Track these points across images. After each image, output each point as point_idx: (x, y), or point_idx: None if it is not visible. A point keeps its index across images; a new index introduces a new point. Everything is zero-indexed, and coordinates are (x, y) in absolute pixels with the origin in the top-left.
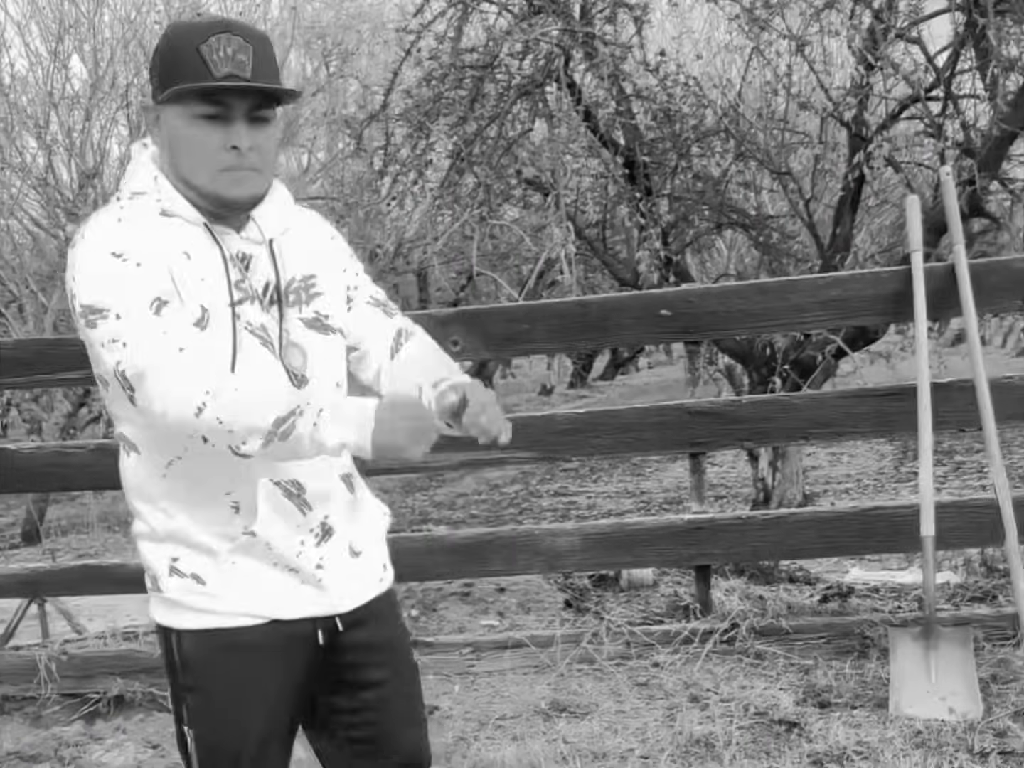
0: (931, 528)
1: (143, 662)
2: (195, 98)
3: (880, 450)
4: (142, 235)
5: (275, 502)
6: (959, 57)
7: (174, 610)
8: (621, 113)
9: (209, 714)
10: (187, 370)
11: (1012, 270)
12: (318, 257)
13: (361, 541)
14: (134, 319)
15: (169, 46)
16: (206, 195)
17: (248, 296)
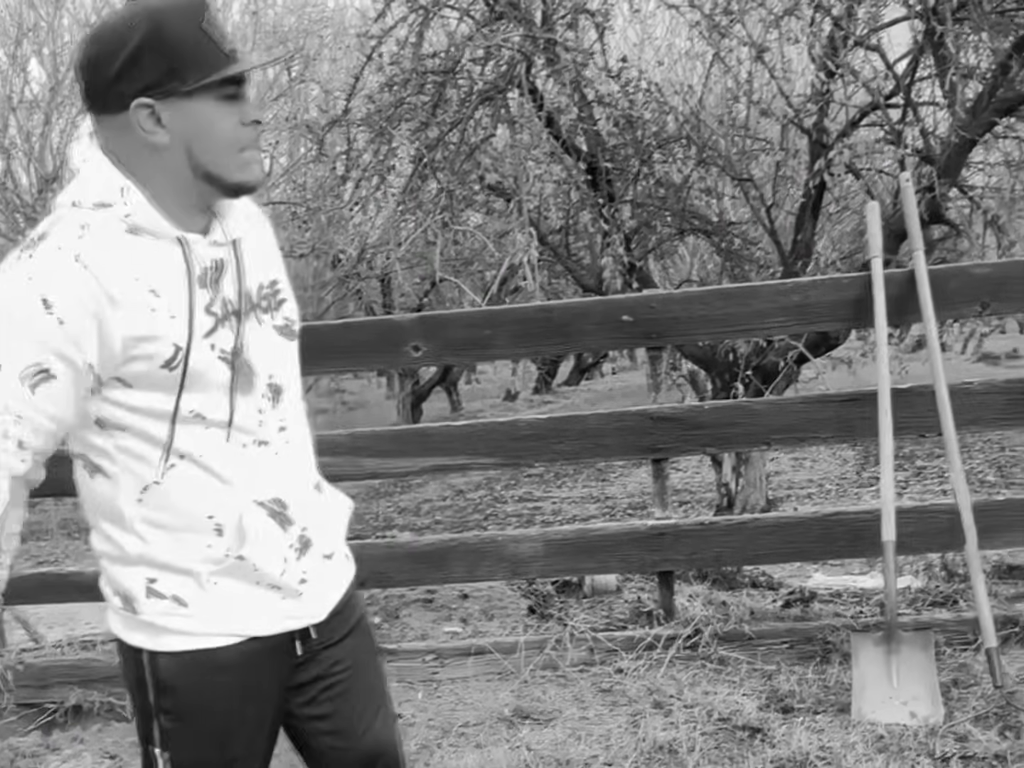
0: (892, 533)
1: (101, 671)
2: (219, 81)
3: (842, 455)
4: (95, 284)
5: (261, 523)
6: (918, 64)
7: (151, 632)
8: (583, 119)
9: (189, 737)
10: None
11: (971, 276)
12: (273, 259)
13: (330, 543)
14: (3, 379)
15: (164, 32)
16: (228, 184)
17: (220, 318)
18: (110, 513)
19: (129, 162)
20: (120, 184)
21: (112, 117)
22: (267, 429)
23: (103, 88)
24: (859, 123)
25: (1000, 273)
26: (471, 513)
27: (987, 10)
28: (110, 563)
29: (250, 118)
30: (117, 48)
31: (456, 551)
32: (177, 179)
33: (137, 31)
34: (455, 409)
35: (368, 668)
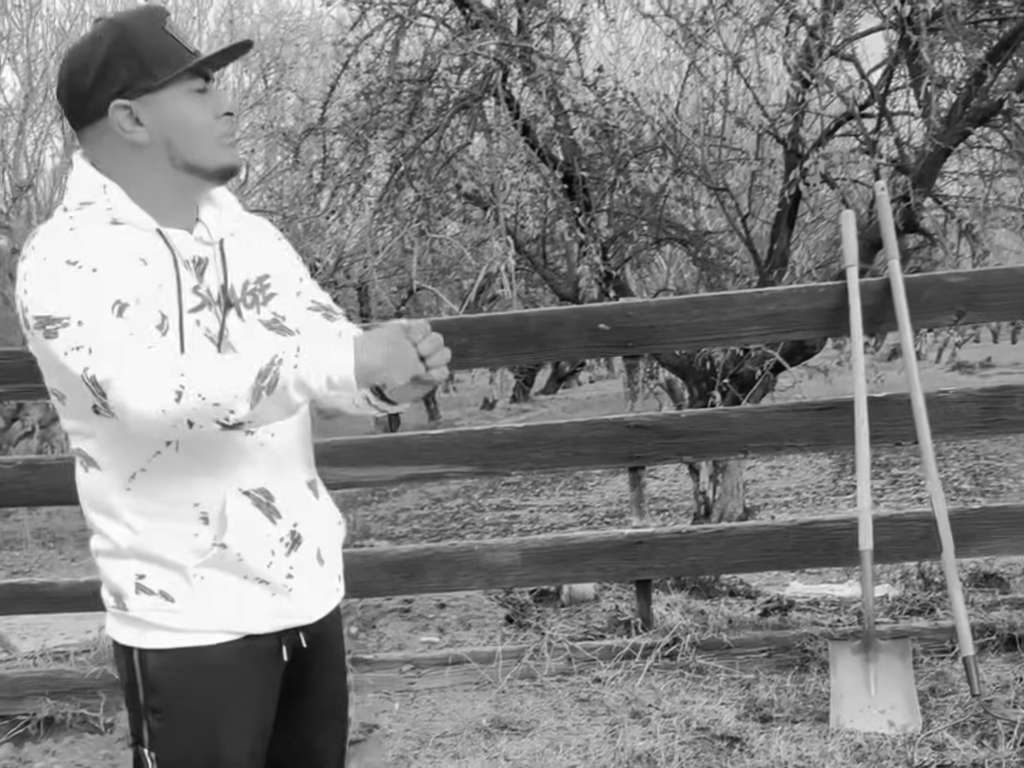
0: (869, 542)
1: (73, 682)
2: (187, 76)
3: (819, 463)
4: (95, 241)
5: (245, 512)
6: (893, 74)
7: (139, 628)
8: (559, 128)
9: (176, 737)
10: (157, 364)
11: (947, 284)
12: (269, 258)
13: (326, 549)
14: (97, 323)
15: (131, 37)
16: (210, 170)
17: (206, 301)
18: (103, 506)
19: (113, 165)
20: (101, 183)
21: (93, 126)
22: None
23: (82, 100)
24: (834, 133)
25: (975, 282)
26: (449, 522)
27: (961, 20)
28: (104, 560)
29: (223, 110)
30: (89, 60)
31: (432, 560)
32: (161, 174)
33: (105, 41)
34: (433, 417)
35: (340, 705)
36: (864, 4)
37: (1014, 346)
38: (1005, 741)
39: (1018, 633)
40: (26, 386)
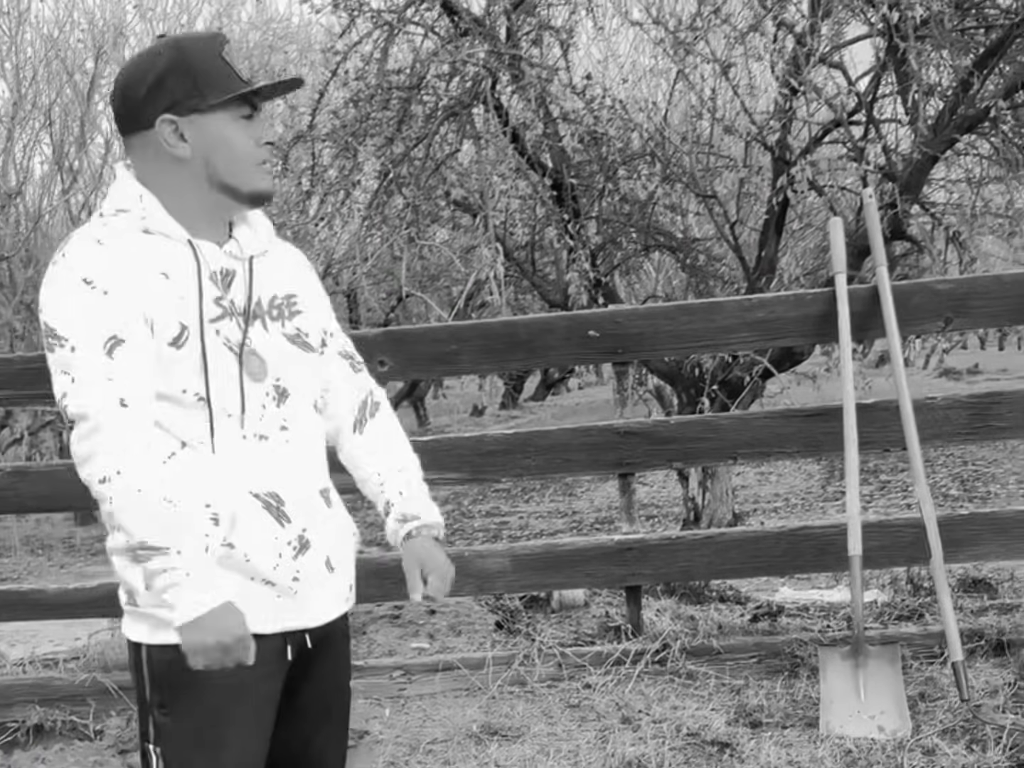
0: (858, 547)
1: (63, 690)
2: (237, 102)
3: (807, 469)
4: (118, 258)
5: (254, 514)
6: (880, 82)
7: (148, 624)
8: (548, 135)
9: (180, 732)
10: (116, 435)
11: (935, 291)
12: (298, 280)
13: (337, 557)
14: (85, 356)
15: (188, 58)
16: (244, 193)
17: (228, 312)
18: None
19: (154, 175)
20: (138, 192)
21: (141, 135)
22: (267, 424)
23: (133, 109)
24: (822, 140)
25: (963, 289)
26: None
27: (948, 28)
28: (119, 556)
29: (264, 139)
30: (145, 73)
31: None
32: (197, 189)
33: (163, 58)
34: (422, 424)
35: (341, 717)
36: (852, 12)
37: (1001, 352)
38: (994, 746)
39: (1006, 638)
40: (14, 392)
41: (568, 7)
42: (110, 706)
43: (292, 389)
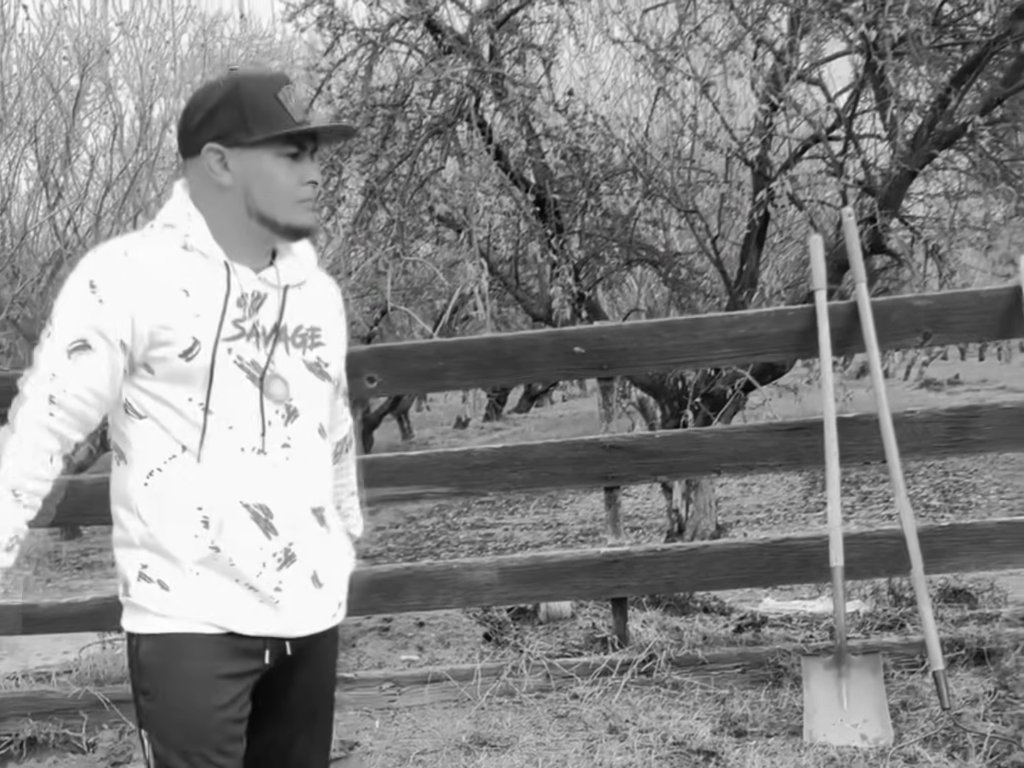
0: (840, 559)
1: (56, 703)
2: (282, 140)
3: (790, 481)
4: (136, 273)
5: (242, 523)
6: (859, 98)
7: (138, 614)
8: (531, 152)
9: (162, 716)
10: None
11: (913, 307)
12: (326, 316)
13: (326, 573)
14: (52, 347)
15: (241, 94)
16: (281, 226)
17: (246, 333)
18: (123, 497)
19: (202, 198)
20: (188, 211)
21: (194, 160)
22: (269, 441)
23: (188, 135)
24: (801, 155)
25: (940, 305)
26: (424, 540)
27: (926, 45)
28: (120, 550)
29: (308, 178)
30: (201, 103)
31: (412, 580)
32: (237, 216)
33: (219, 91)
34: (406, 436)
35: (324, 728)
36: (830, 29)
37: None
38: (975, 754)
39: (987, 647)
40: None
41: (551, 25)
42: (103, 719)
43: (302, 411)
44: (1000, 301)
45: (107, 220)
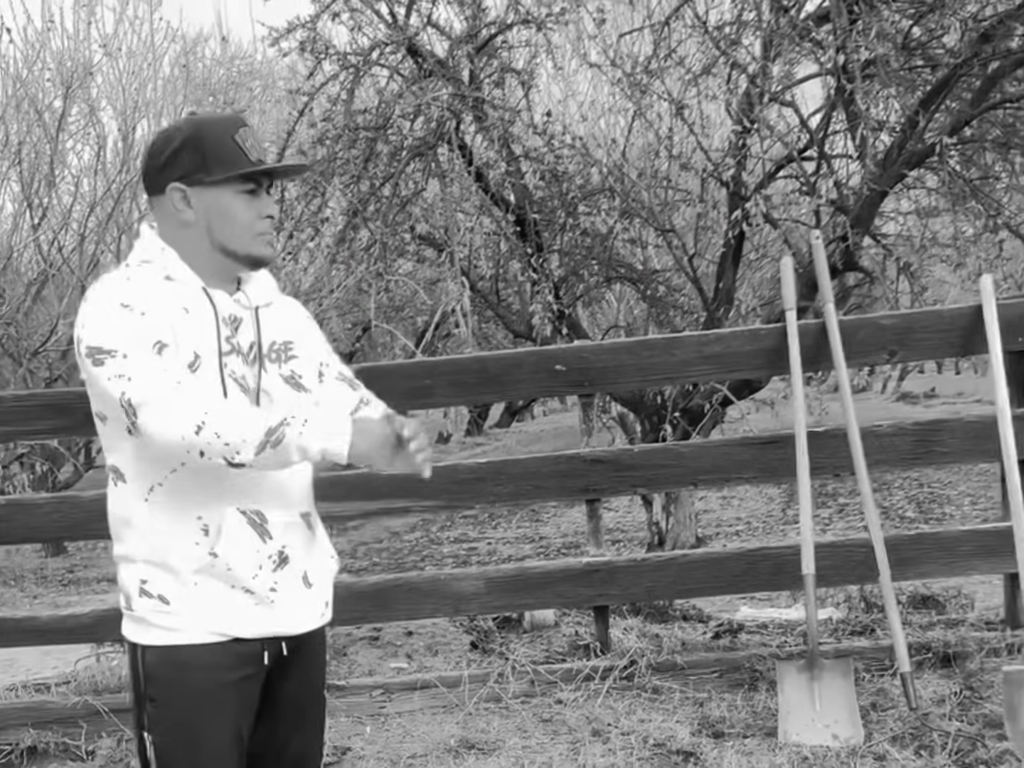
0: (811, 567)
1: (55, 712)
2: (239, 178)
3: (768, 493)
4: (147, 291)
5: (239, 528)
6: (831, 119)
7: (141, 627)
8: (511, 173)
9: (166, 722)
10: (186, 398)
11: (879, 326)
12: (295, 329)
13: (314, 575)
14: (139, 357)
15: (201, 137)
16: (241, 256)
17: (234, 350)
18: (124, 516)
19: (170, 233)
20: (160, 246)
21: (159, 198)
22: None
23: (153, 174)
24: (775, 175)
25: (905, 323)
26: (407, 555)
27: (895, 68)
28: (121, 565)
29: (265, 213)
30: (166, 145)
31: (400, 590)
32: (201, 248)
33: (182, 133)
34: None
35: (316, 723)
36: (801, 52)
37: (958, 376)
38: (941, 751)
39: (952, 651)
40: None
41: (529, 49)
42: (101, 727)
43: None
44: (962, 319)
45: (91, 240)
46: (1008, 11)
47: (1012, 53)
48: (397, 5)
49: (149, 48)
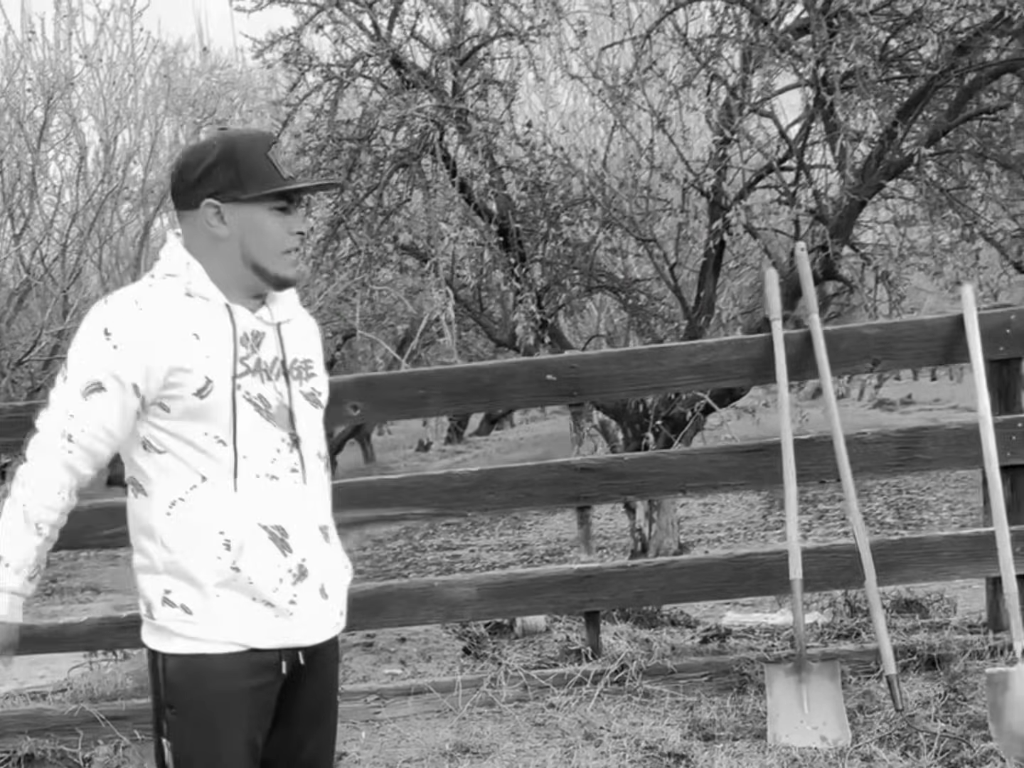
0: (799, 571)
1: (52, 720)
2: (273, 196)
3: (749, 500)
4: (149, 322)
5: (260, 543)
6: (810, 129)
7: (163, 635)
8: (494, 184)
9: (185, 729)
10: (45, 458)
11: (862, 336)
12: (314, 349)
13: (330, 586)
14: (68, 390)
15: (235, 153)
16: (270, 276)
17: (251, 370)
18: (145, 528)
19: (198, 248)
20: (186, 260)
21: (190, 212)
22: (279, 467)
23: (186, 191)
24: (754, 185)
25: (887, 333)
26: (391, 562)
27: (873, 79)
28: (142, 576)
29: (295, 229)
30: (199, 161)
31: (394, 596)
32: (232, 264)
33: (216, 150)
34: (369, 460)
35: (329, 731)
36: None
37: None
38: (927, 751)
39: (936, 654)
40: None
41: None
42: (98, 735)
43: (304, 438)
44: (944, 329)
45: (73, 250)
46: (984, 23)
47: (988, 65)
48: (380, 17)
49: (130, 59)
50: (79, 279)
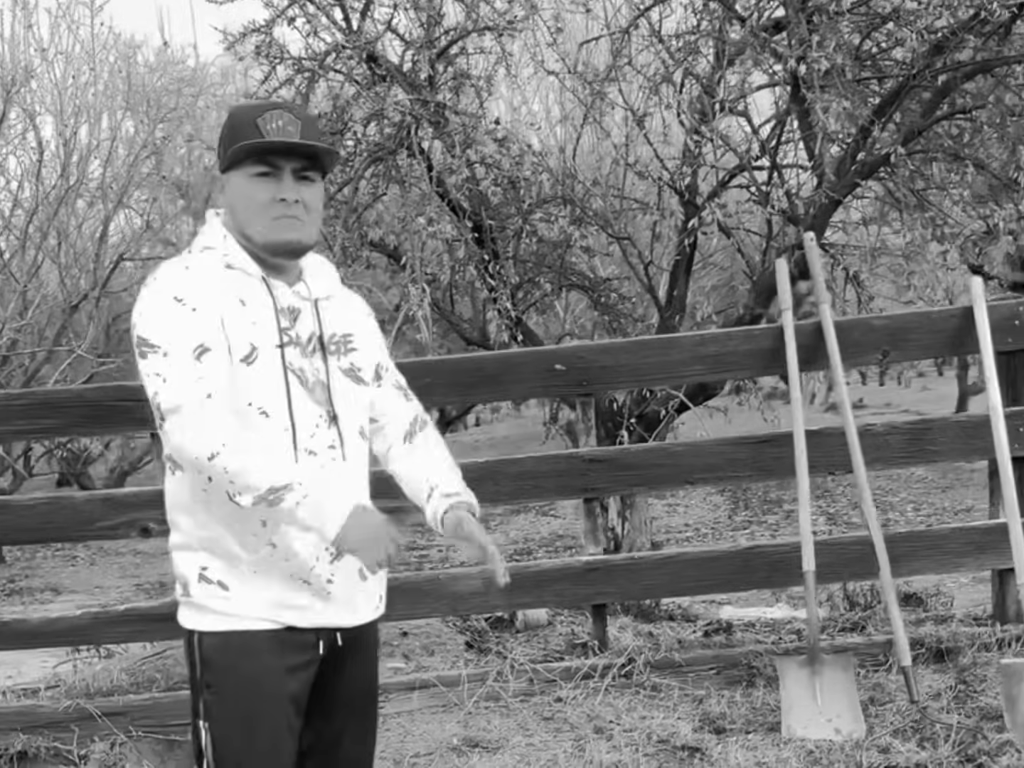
0: (811, 564)
1: (45, 716)
2: (251, 161)
3: (713, 501)
4: (203, 283)
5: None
6: (783, 129)
7: (199, 613)
8: (469, 179)
9: (223, 709)
10: (211, 418)
11: (872, 326)
12: (356, 323)
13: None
14: (177, 359)
15: (230, 124)
16: (260, 243)
17: (292, 341)
18: (182, 504)
19: (228, 223)
20: (223, 233)
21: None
22: (317, 443)
23: (220, 167)
24: (728, 184)
25: (896, 324)
26: None
27: (849, 79)
28: (177, 553)
29: (280, 196)
30: (220, 137)
31: (398, 590)
32: (239, 236)
33: (226, 123)
34: None
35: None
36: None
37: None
38: (944, 743)
39: (944, 646)
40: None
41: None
42: (94, 731)
43: (342, 414)
44: (952, 320)
45: (31, 246)
46: (961, 23)
47: (963, 65)
48: (352, 11)
49: (90, 53)
50: (38, 275)
